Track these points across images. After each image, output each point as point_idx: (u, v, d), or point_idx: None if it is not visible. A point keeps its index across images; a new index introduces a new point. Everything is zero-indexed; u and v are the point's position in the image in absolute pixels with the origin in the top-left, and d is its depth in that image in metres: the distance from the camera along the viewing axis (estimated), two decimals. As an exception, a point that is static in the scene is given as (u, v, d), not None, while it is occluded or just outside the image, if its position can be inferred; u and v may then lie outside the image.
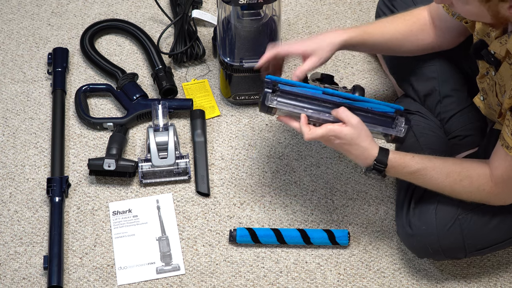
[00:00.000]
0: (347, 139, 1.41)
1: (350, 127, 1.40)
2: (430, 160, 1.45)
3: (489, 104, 1.49)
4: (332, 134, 1.41)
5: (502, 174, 1.39)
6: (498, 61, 1.37)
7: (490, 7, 1.22)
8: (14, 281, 1.60)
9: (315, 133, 1.42)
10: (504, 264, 1.65)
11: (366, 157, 1.43)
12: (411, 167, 1.44)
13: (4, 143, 1.81)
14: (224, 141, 1.83)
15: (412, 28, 1.59)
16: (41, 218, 1.69)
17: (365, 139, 1.42)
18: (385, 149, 1.43)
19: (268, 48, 1.59)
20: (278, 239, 1.64)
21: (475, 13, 1.27)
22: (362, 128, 1.41)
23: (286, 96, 1.46)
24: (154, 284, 1.60)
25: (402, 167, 1.44)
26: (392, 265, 1.64)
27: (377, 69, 1.98)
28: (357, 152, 1.42)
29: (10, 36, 2.04)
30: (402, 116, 1.48)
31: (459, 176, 1.43)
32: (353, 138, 1.40)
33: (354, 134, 1.40)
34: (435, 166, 1.44)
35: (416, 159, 1.44)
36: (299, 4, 2.13)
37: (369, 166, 1.44)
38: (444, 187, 1.45)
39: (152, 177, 1.74)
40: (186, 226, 1.68)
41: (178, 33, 1.95)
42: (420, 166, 1.44)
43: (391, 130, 1.48)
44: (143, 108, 1.83)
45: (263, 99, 1.45)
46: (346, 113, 1.41)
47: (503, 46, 1.34)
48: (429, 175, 1.44)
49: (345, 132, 1.40)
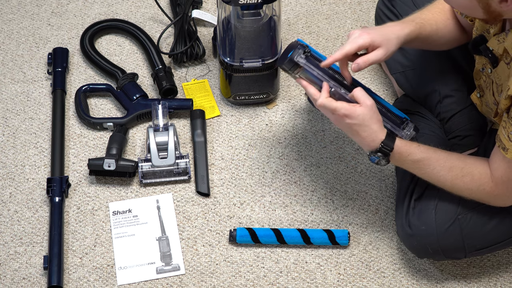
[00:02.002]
0: (359, 119, 1.40)
1: (364, 108, 1.40)
2: (435, 151, 1.45)
3: (486, 102, 1.50)
4: (344, 111, 1.39)
5: (501, 175, 1.39)
6: (496, 57, 1.37)
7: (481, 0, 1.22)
8: (14, 281, 1.60)
9: (330, 103, 1.40)
10: (504, 264, 1.65)
11: (373, 139, 1.42)
12: (415, 155, 1.43)
13: (4, 143, 1.81)
14: (224, 141, 1.83)
15: (448, 16, 1.56)
16: (41, 218, 1.69)
17: (376, 121, 1.41)
18: (392, 134, 1.43)
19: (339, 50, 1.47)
20: (278, 239, 1.64)
21: (468, 6, 1.27)
22: (375, 111, 1.41)
23: (313, 61, 1.46)
24: (154, 284, 1.60)
25: (407, 154, 1.43)
26: (392, 265, 1.64)
27: (377, 69, 1.98)
28: (366, 133, 1.41)
29: (10, 36, 2.04)
30: (412, 123, 1.50)
31: (462, 171, 1.43)
32: (365, 119, 1.40)
33: (367, 115, 1.40)
34: (439, 158, 1.43)
35: (422, 148, 1.44)
36: (299, 4, 2.13)
37: (375, 149, 1.43)
38: (445, 181, 1.44)
39: (152, 177, 1.74)
40: (186, 226, 1.68)
41: (178, 33, 1.95)
42: (425, 155, 1.43)
43: (399, 130, 1.49)
44: (143, 108, 1.83)
45: (293, 54, 1.45)
46: (362, 93, 1.41)
47: (501, 44, 1.34)
48: (432, 166, 1.43)
49: (358, 112, 1.39)
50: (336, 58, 1.43)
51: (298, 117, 1.87)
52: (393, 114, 1.50)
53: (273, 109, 1.89)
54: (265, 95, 1.86)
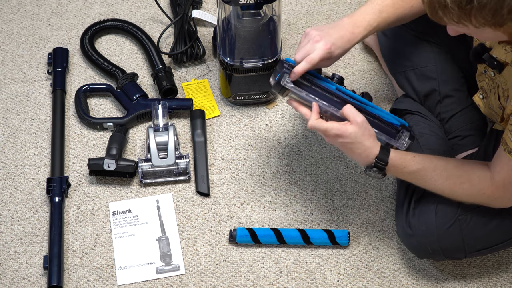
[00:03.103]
0: (351, 138, 1.40)
1: (355, 125, 1.40)
2: (431, 160, 1.45)
3: (490, 105, 1.49)
4: (336, 131, 1.40)
5: (504, 178, 1.38)
6: (501, 64, 1.37)
7: (506, 29, 1.21)
8: (14, 281, 1.60)
9: (320, 125, 1.41)
10: (504, 264, 1.65)
11: (367, 155, 1.42)
12: (411, 166, 1.44)
13: (4, 143, 1.81)
14: (224, 141, 1.83)
15: (413, 4, 1.54)
16: (41, 218, 1.69)
17: (368, 137, 1.41)
18: (386, 147, 1.43)
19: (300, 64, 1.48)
20: (278, 239, 1.64)
21: (492, 37, 1.26)
22: (366, 127, 1.41)
23: (301, 82, 1.46)
24: (154, 284, 1.60)
25: (402, 166, 1.44)
26: (392, 265, 1.64)
27: (377, 69, 1.98)
28: (359, 150, 1.42)
29: (10, 36, 2.04)
30: (407, 131, 1.48)
31: (460, 179, 1.42)
32: (356, 136, 1.40)
33: (358, 133, 1.40)
34: (436, 167, 1.43)
35: (417, 159, 1.44)
36: (299, 4, 2.13)
37: (370, 164, 1.43)
38: (443, 189, 1.45)
39: (152, 177, 1.74)
40: (186, 226, 1.68)
41: (178, 33, 1.95)
42: (421, 166, 1.43)
43: (394, 141, 1.48)
44: (143, 108, 1.83)
45: (279, 78, 1.45)
46: (352, 111, 1.41)
47: (508, 53, 1.32)
48: (429, 176, 1.44)
49: (349, 130, 1.39)
50: (305, 69, 1.45)
51: (298, 117, 1.87)
52: (387, 124, 1.49)
53: (273, 109, 1.89)
54: (265, 95, 1.86)
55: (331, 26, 1.50)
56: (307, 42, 1.47)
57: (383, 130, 1.48)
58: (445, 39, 1.68)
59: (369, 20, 1.50)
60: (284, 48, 2.00)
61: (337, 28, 1.49)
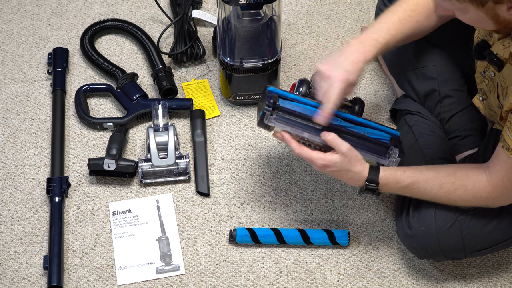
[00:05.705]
0: (337, 167, 1.43)
1: (340, 155, 1.42)
2: (422, 172, 1.46)
3: (489, 105, 1.49)
4: (322, 162, 1.43)
5: (502, 177, 1.38)
6: (501, 61, 1.37)
7: (488, 11, 1.22)
8: (14, 281, 1.60)
9: (306, 154, 1.44)
10: (504, 264, 1.65)
11: (357, 179, 1.45)
12: (403, 182, 1.45)
13: (4, 143, 1.81)
14: (224, 141, 1.83)
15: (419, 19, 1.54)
16: (41, 218, 1.69)
17: (355, 164, 1.44)
18: (375, 167, 1.45)
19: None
20: (278, 239, 1.64)
21: (477, 20, 1.26)
22: (352, 154, 1.43)
23: (284, 115, 1.46)
24: (154, 284, 1.60)
25: (394, 183, 1.45)
26: (392, 265, 1.64)
27: (377, 69, 1.98)
28: (348, 176, 1.45)
29: (10, 36, 2.04)
30: (396, 147, 1.49)
31: (453, 186, 1.43)
32: (343, 165, 1.43)
33: (344, 161, 1.42)
34: (428, 179, 1.44)
35: (408, 173, 1.45)
36: (299, 4, 2.13)
37: (361, 187, 1.46)
38: (439, 197, 1.46)
39: (152, 177, 1.74)
40: (186, 226, 1.68)
41: (178, 33, 1.95)
42: (412, 180, 1.45)
43: (384, 160, 1.50)
44: (143, 108, 1.83)
45: (262, 117, 1.45)
46: (336, 141, 1.42)
47: (507, 49, 1.33)
48: (422, 188, 1.45)
49: (335, 160, 1.42)
50: (332, 110, 1.43)
51: (298, 117, 1.87)
52: (376, 143, 1.49)
53: (273, 109, 1.89)
54: (265, 95, 1.86)
55: (340, 53, 1.48)
56: (321, 79, 1.46)
57: (371, 151, 1.49)
58: (445, 39, 1.69)
59: (376, 38, 1.50)
60: (284, 48, 2.00)
61: (346, 54, 1.47)
